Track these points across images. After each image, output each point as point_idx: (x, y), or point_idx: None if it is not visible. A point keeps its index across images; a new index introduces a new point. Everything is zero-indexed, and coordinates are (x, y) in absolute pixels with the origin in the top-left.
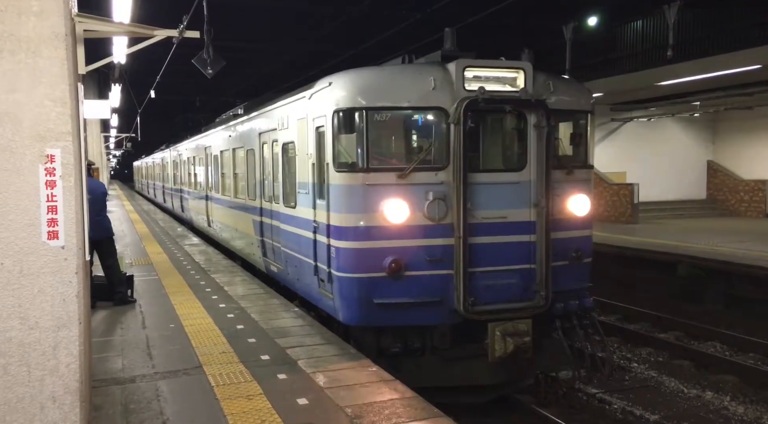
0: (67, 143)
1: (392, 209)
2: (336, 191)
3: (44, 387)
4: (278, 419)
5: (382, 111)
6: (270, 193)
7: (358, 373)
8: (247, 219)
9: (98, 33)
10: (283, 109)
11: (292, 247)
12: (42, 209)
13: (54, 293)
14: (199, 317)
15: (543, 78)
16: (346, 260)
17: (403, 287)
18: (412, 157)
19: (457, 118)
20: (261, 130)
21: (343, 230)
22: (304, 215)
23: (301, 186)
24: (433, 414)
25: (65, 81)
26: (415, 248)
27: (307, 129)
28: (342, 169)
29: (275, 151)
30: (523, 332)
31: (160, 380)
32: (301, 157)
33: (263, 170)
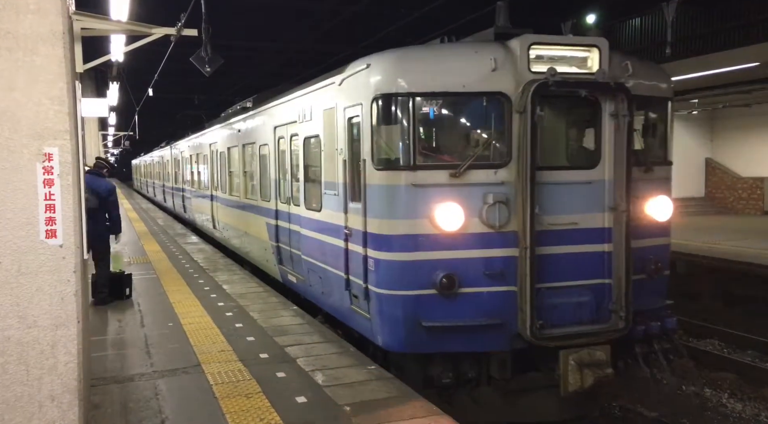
0: (65, 142)
1: (444, 214)
2: (375, 193)
3: (43, 386)
4: (277, 417)
5: (432, 97)
6: (287, 193)
7: (357, 371)
8: (260, 222)
9: (96, 31)
10: (305, 99)
11: (315, 256)
12: (40, 208)
13: (52, 292)
14: (198, 315)
15: (619, 58)
16: (387, 274)
17: (456, 306)
18: (468, 152)
19: (523, 105)
20: (277, 123)
21: (383, 238)
22: (332, 219)
23: (328, 186)
24: (432, 412)
25: (63, 79)
26: (471, 261)
27: (337, 120)
28: (383, 167)
29: (294, 146)
30: (603, 362)
31: (159, 378)
32: (328, 154)
33: (279, 168)
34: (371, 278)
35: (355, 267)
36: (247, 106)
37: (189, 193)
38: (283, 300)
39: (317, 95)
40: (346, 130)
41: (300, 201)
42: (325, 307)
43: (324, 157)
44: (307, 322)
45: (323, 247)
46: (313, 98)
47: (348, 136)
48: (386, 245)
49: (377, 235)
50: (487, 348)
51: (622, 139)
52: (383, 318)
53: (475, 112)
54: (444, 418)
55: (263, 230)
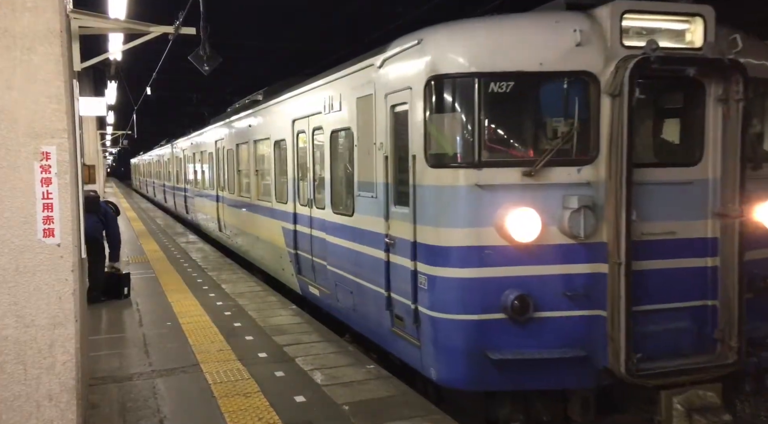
0: (63, 140)
1: (516, 222)
2: (428, 196)
3: (40, 385)
4: (276, 416)
5: (502, 78)
6: (308, 195)
7: (355, 370)
8: (274, 227)
9: (93, 29)
10: (332, 87)
11: (345, 267)
12: (37, 207)
13: (50, 291)
14: (196, 314)
15: (726, 31)
16: (445, 293)
17: (530, 334)
18: (544, 145)
19: (618, 87)
20: (295, 116)
21: (439, 250)
22: (369, 225)
23: (363, 187)
24: (431, 411)
25: (60, 77)
26: (549, 279)
27: (375, 110)
28: (438, 165)
29: (317, 141)
30: (716, 407)
31: (157, 378)
32: (362, 149)
33: (298, 166)
34: (423, 297)
35: (399, 283)
36: (258, 99)
37: (192, 193)
38: (281, 299)
39: (349, 81)
40: (389, 120)
41: (325, 204)
42: (356, 326)
43: (357, 153)
44: (306, 321)
45: (356, 257)
46: (342, 85)
47: (391, 127)
48: (443, 258)
49: (431, 246)
50: (567, 385)
51: (735, 130)
52: (439, 347)
53: (554, 96)
54: (442, 417)
55: (278, 235)
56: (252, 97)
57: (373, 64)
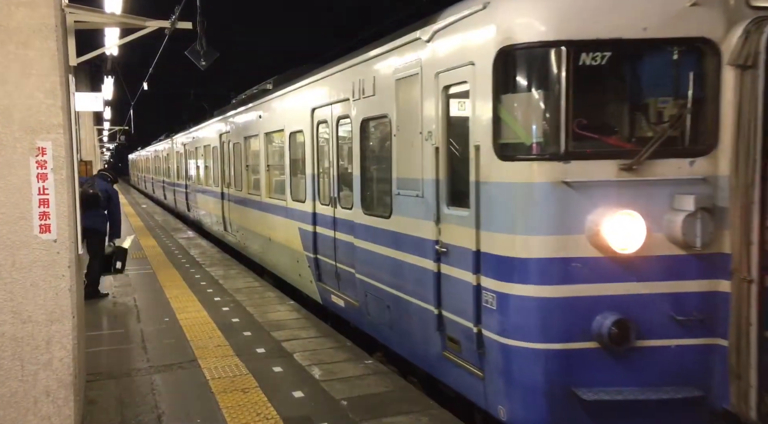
0: (59, 136)
1: (615, 227)
2: (498, 194)
3: (38, 382)
4: (274, 412)
5: (596, 48)
6: (332, 193)
7: (353, 365)
8: (290, 228)
9: (89, 24)
10: (363, 69)
11: (380, 276)
12: (33, 203)
13: (47, 287)
14: (194, 310)
15: None
16: (522, 315)
17: (630, 368)
18: (648, 132)
19: (751, 56)
20: (315, 104)
21: (515, 263)
22: (412, 230)
23: (405, 185)
24: (428, 406)
25: (56, 73)
26: (654, 298)
27: (422, 92)
28: (512, 157)
29: (343, 132)
30: None
31: (155, 373)
32: (403, 140)
33: (318, 161)
34: (490, 319)
35: (455, 300)
36: (267, 88)
37: (194, 190)
38: (279, 295)
39: (385, 61)
40: (440, 104)
41: (353, 203)
42: (392, 346)
43: (396, 144)
44: (304, 316)
45: (394, 266)
46: (377, 66)
47: (443, 113)
48: (519, 272)
49: (502, 258)
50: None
51: None
52: (511, 382)
53: (660, 70)
54: (440, 412)
55: (294, 237)
56: (260, 86)
57: (420, 38)
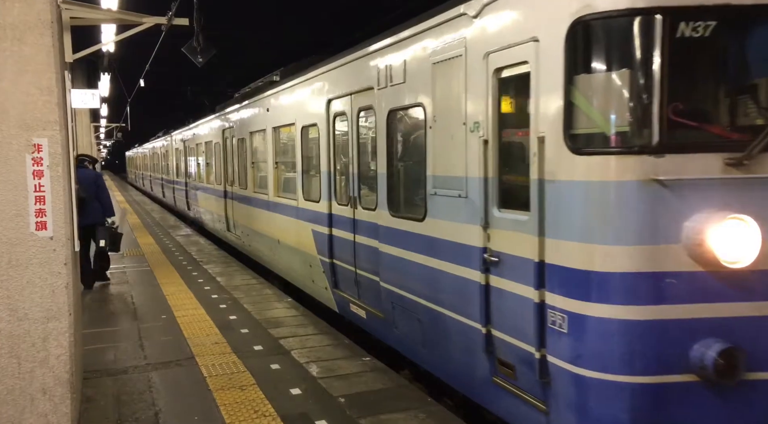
0: (55, 132)
1: (724, 236)
2: (572, 195)
3: (34, 379)
4: (271, 409)
5: (699, 16)
6: (351, 192)
7: (351, 363)
8: (301, 229)
9: (85, 20)
10: (391, 53)
11: (409, 286)
12: (30, 200)
13: (43, 284)
14: (192, 307)
15: None
16: (601, 341)
17: (740, 406)
18: (760, 119)
19: None
20: (333, 94)
21: (592, 278)
22: (452, 235)
23: (443, 183)
24: (426, 403)
25: (52, 69)
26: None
27: (466, 76)
28: (591, 150)
29: (365, 124)
30: None
31: (153, 371)
32: (441, 132)
33: (335, 157)
34: (559, 344)
35: (510, 318)
36: (274, 79)
37: (194, 187)
38: (277, 292)
39: (420, 42)
40: (491, 90)
41: (378, 204)
42: (425, 364)
43: (433, 137)
44: (302, 314)
45: (429, 275)
46: (409, 49)
47: (494, 100)
48: (598, 289)
49: (575, 271)
50: None
51: None
52: (586, 420)
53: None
54: (438, 409)
55: (307, 240)
56: (266, 78)
57: (465, 14)
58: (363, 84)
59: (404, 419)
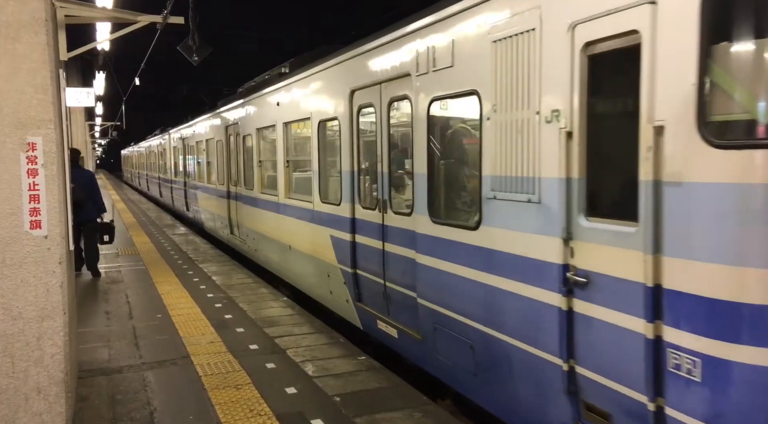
0: (49, 131)
1: None
2: (710, 202)
3: (28, 378)
4: (267, 408)
5: None
6: (380, 194)
7: (347, 362)
8: (318, 235)
9: (80, 18)
10: (435, 33)
11: (459, 305)
12: (24, 198)
13: (37, 283)
14: (187, 306)
15: None
16: (755, 398)
17: None
18: None
19: None
20: (357, 84)
21: (742, 312)
22: (520, 247)
23: (507, 185)
24: (422, 402)
25: (46, 67)
26: None
27: (540, 55)
28: (736, 142)
29: (397, 117)
30: None
31: (148, 370)
32: (504, 123)
33: (359, 154)
34: (685, 395)
35: (605, 355)
36: (283, 71)
37: (194, 187)
38: (272, 291)
39: (472, 18)
40: (578, 69)
41: (416, 208)
42: (477, 398)
43: (492, 130)
44: (297, 313)
45: (488, 295)
46: (458, 27)
47: (583, 82)
48: (752, 327)
49: (714, 301)
50: None
51: None
52: None
53: None
54: (434, 408)
55: (325, 247)
56: (273, 71)
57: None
58: (397, 71)
59: (400, 418)
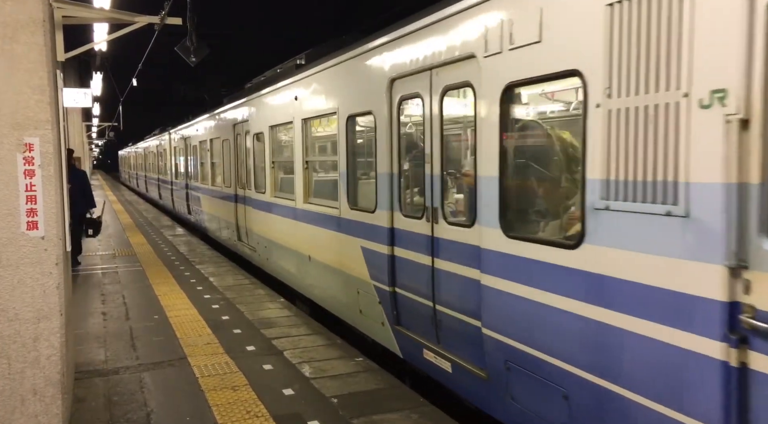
0: (46, 132)
1: None
2: None
3: (25, 380)
4: (264, 409)
5: None
6: (428, 200)
7: (344, 363)
8: (346, 245)
9: (77, 19)
10: (512, 3)
11: (546, 342)
12: (21, 199)
13: (34, 285)
14: (184, 308)
15: None
16: None
17: None
18: None
19: None
20: (399, 72)
21: None
22: (649, 275)
23: (627, 191)
24: (418, 403)
25: (44, 68)
26: None
27: (692, 14)
28: None
29: (455, 108)
30: None
31: (144, 371)
32: (625, 109)
33: (399, 154)
34: None
35: None
36: (299, 63)
37: (196, 189)
38: (270, 292)
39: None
40: (758, 31)
41: (482, 218)
42: None
43: (605, 119)
44: (295, 314)
45: (598, 335)
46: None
47: (766, 49)
48: None
49: None
50: None
51: None
52: None
53: None
54: (431, 409)
55: (354, 260)
56: (286, 64)
57: None
58: (455, 53)
59: (397, 419)
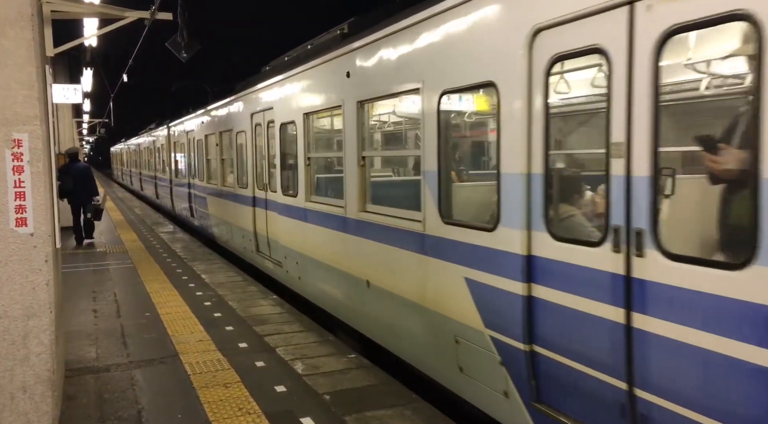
0: (35, 127)
1: None
2: None
3: (14, 377)
4: (256, 406)
5: None
6: (612, 217)
7: (336, 360)
8: (436, 274)
9: (66, 14)
10: None
11: None
12: (9, 196)
13: (23, 282)
14: (176, 305)
15: None
16: None
17: None
18: None
19: None
20: (556, 13)
21: None
22: None
23: None
24: (411, 400)
25: (32, 63)
26: None
27: None
28: None
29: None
30: None
31: (135, 369)
32: None
33: (545, 142)
34: None
35: None
36: (341, 31)
37: (202, 190)
38: (262, 289)
39: None
40: None
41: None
42: None
43: None
44: (287, 311)
45: None
46: None
47: None
48: None
49: None
50: None
51: None
52: None
53: None
54: (423, 405)
55: (450, 295)
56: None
57: None
58: None
59: (390, 415)
